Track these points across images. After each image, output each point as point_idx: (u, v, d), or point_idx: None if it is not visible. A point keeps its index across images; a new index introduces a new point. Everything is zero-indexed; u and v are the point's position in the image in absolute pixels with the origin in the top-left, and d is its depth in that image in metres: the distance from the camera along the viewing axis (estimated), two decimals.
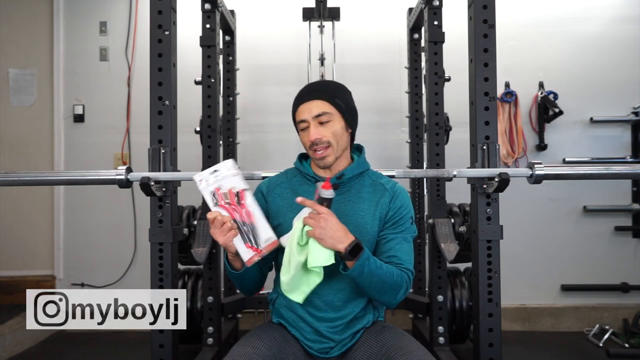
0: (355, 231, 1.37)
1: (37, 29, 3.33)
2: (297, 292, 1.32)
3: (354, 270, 1.26)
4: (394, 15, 3.23)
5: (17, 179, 1.76)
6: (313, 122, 1.39)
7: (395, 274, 1.32)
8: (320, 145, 1.38)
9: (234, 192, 1.30)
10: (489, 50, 1.73)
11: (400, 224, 1.41)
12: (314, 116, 1.39)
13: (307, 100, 1.41)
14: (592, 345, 2.93)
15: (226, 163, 1.33)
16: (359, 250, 1.25)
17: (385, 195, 1.43)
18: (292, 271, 1.28)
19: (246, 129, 3.18)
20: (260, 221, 1.31)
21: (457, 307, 2.54)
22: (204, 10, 2.41)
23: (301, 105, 1.41)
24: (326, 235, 1.23)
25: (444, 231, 2.36)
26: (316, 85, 1.47)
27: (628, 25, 3.24)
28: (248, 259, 1.29)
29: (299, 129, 1.44)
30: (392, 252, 1.38)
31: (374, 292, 1.32)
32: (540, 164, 1.64)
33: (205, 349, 2.36)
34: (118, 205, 3.26)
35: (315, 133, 1.37)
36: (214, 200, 1.30)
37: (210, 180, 1.31)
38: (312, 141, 1.38)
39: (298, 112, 1.42)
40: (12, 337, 2.81)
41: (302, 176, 1.48)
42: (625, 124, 3.24)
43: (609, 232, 3.24)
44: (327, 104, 1.40)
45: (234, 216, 1.29)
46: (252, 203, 1.31)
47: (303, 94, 1.44)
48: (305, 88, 1.48)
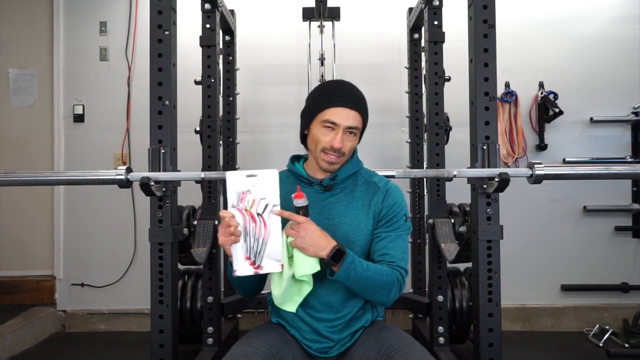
0: (349, 231, 1.39)
1: (37, 29, 3.33)
2: (289, 303, 1.32)
3: (339, 275, 1.27)
4: (394, 15, 3.23)
5: (17, 179, 1.76)
6: (344, 130, 1.37)
7: (384, 273, 1.31)
8: (337, 154, 1.38)
9: (262, 202, 1.22)
10: (489, 50, 1.73)
11: (394, 221, 1.41)
12: (348, 126, 1.37)
13: (345, 106, 1.37)
14: (592, 345, 2.93)
15: (269, 172, 1.23)
16: (341, 255, 1.26)
17: (378, 194, 1.44)
18: (284, 284, 1.27)
19: (246, 129, 3.18)
20: (275, 241, 1.23)
21: (457, 307, 2.54)
22: (204, 10, 2.41)
23: (338, 108, 1.37)
24: (307, 244, 1.24)
25: (444, 231, 2.36)
26: (354, 94, 1.42)
27: (628, 25, 3.24)
28: (237, 269, 1.23)
29: (322, 125, 1.39)
30: (384, 250, 1.38)
31: (364, 293, 1.33)
32: (540, 164, 1.64)
33: (205, 349, 2.36)
34: (118, 205, 3.26)
35: (340, 142, 1.37)
36: (235, 201, 1.23)
37: (242, 182, 1.23)
38: (335, 147, 1.37)
39: (330, 112, 1.37)
40: (12, 337, 2.81)
41: (296, 178, 1.48)
42: (625, 124, 3.24)
43: (609, 232, 3.24)
44: (360, 120, 1.41)
45: (247, 225, 1.23)
46: (276, 221, 1.23)
47: (341, 97, 1.39)
48: (341, 89, 1.42)
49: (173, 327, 1.76)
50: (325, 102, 1.39)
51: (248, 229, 1.23)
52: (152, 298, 1.76)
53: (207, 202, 2.43)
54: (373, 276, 1.29)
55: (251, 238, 1.23)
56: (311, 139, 1.42)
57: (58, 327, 3.25)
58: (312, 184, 1.45)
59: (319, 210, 1.41)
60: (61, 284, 3.28)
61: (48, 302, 3.25)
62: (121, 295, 3.26)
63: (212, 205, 2.42)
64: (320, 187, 1.44)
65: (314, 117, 1.41)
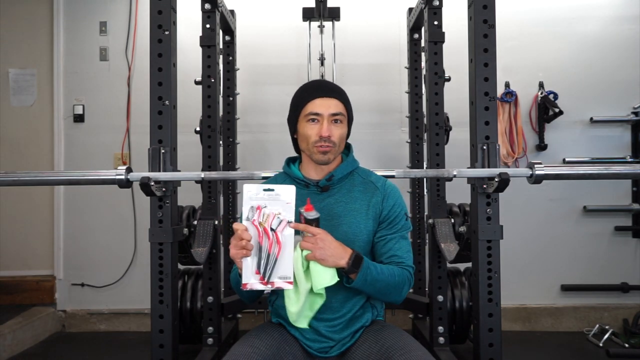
0: (349, 231, 1.39)
1: (37, 29, 3.33)
2: (302, 319, 1.32)
3: (357, 282, 1.28)
4: (394, 15, 3.23)
5: (17, 179, 1.76)
6: (328, 118, 1.40)
7: (396, 274, 1.34)
8: (328, 143, 1.39)
9: (277, 218, 1.21)
10: (489, 50, 1.73)
11: (396, 222, 1.44)
12: (331, 113, 1.40)
13: (324, 97, 1.42)
14: (592, 345, 2.93)
15: (287, 188, 1.23)
16: (360, 261, 1.27)
17: (376, 194, 1.45)
18: (302, 299, 1.26)
19: (246, 129, 3.18)
20: (288, 258, 1.23)
21: (457, 307, 2.54)
22: (204, 10, 2.41)
23: (317, 99, 1.41)
24: (327, 255, 1.24)
25: (444, 231, 2.36)
26: (330, 85, 1.47)
27: (628, 25, 3.24)
28: (246, 283, 1.22)
29: (306, 120, 1.42)
30: (391, 252, 1.40)
31: (379, 295, 1.36)
32: (541, 164, 1.64)
33: (205, 349, 2.36)
34: (118, 205, 3.26)
35: (327, 130, 1.39)
36: (250, 214, 1.22)
37: (259, 195, 1.22)
38: (323, 136, 1.38)
39: (311, 105, 1.41)
40: (12, 337, 2.81)
41: (292, 180, 1.48)
42: (625, 124, 3.24)
43: (609, 232, 3.23)
44: (342, 106, 1.43)
45: (261, 240, 1.22)
46: (289, 238, 1.23)
47: (319, 89, 1.43)
48: (319, 84, 1.47)
49: (173, 327, 1.76)
50: (304, 98, 1.43)
51: (261, 244, 1.22)
52: (152, 298, 1.76)
53: (207, 202, 2.43)
54: (387, 278, 1.32)
55: (263, 253, 1.23)
56: (301, 139, 1.45)
57: (58, 327, 3.25)
58: (308, 185, 1.45)
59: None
60: (61, 284, 3.28)
61: (48, 302, 3.25)
62: (121, 295, 3.26)
63: (212, 205, 2.42)
64: (317, 188, 1.45)
65: (298, 117, 1.45)
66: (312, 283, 1.26)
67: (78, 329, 3.26)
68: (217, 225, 2.39)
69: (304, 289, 1.26)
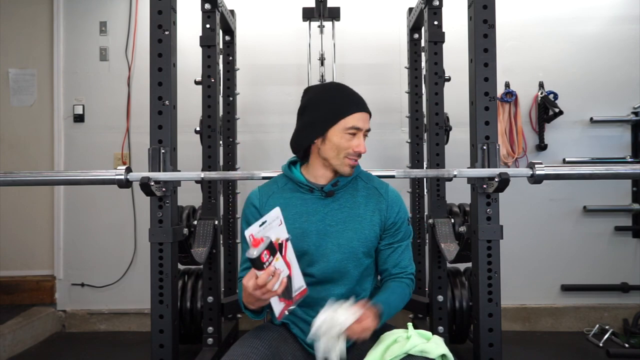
0: (354, 237, 1.41)
1: (37, 29, 3.33)
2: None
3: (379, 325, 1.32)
4: (394, 15, 3.23)
5: (17, 179, 1.76)
6: (363, 134, 1.43)
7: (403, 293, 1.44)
8: (358, 157, 1.43)
9: (277, 243, 1.22)
10: (489, 50, 1.73)
11: (400, 230, 1.47)
12: (367, 129, 1.44)
13: (364, 111, 1.43)
14: (592, 345, 2.93)
15: (272, 213, 1.23)
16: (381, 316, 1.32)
17: (381, 202, 1.46)
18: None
19: (246, 129, 3.18)
20: (296, 271, 1.26)
21: (457, 307, 2.54)
22: (204, 10, 2.41)
23: (360, 113, 1.41)
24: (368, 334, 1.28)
25: (444, 231, 2.36)
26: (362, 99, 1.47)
27: (628, 25, 3.24)
28: (279, 312, 1.24)
29: (345, 132, 1.39)
30: (397, 260, 1.47)
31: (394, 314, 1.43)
32: (541, 164, 1.64)
33: (205, 349, 2.36)
34: (118, 205, 3.26)
35: (364, 146, 1.42)
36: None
37: (259, 233, 1.21)
38: (359, 152, 1.41)
39: (353, 119, 1.40)
40: (12, 337, 2.81)
41: (294, 184, 1.47)
42: (625, 124, 3.24)
43: (609, 232, 3.23)
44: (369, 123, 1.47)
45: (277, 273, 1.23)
46: (292, 253, 1.25)
47: (359, 103, 1.43)
48: (358, 98, 1.45)
49: (173, 327, 1.77)
50: (348, 109, 1.40)
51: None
52: (152, 298, 1.76)
53: (207, 202, 2.43)
54: (397, 305, 1.41)
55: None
56: (330, 147, 1.41)
57: (58, 327, 3.25)
58: (312, 190, 1.45)
59: (321, 217, 1.42)
60: (61, 284, 3.28)
61: (48, 302, 3.25)
62: (121, 295, 3.26)
63: (212, 205, 2.42)
64: (322, 193, 1.44)
65: (335, 124, 1.40)
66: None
67: (78, 329, 3.26)
68: (217, 225, 2.39)
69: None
